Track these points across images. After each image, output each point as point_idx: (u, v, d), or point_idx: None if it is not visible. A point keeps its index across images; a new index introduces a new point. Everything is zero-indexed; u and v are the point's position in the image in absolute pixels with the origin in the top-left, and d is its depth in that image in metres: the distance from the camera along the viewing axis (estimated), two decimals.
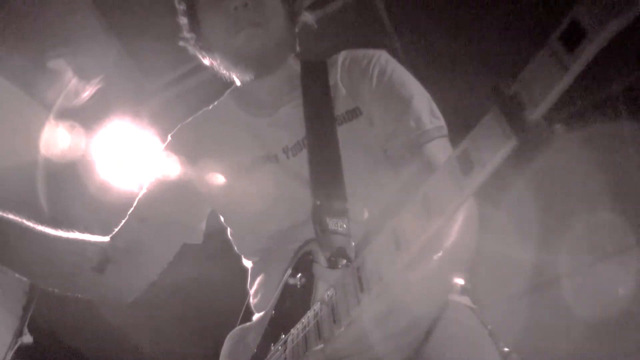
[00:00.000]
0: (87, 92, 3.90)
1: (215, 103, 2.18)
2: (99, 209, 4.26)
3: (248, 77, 1.94)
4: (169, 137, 2.15)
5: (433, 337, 1.55)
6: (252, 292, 1.98)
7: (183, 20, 2.04)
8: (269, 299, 1.83)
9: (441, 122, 1.84)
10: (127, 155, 4.31)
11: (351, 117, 1.90)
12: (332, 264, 1.59)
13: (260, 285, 1.92)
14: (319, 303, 1.46)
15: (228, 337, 1.88)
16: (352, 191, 1.77)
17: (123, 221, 2.03)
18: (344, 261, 1.59)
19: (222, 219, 2.08)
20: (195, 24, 2.00)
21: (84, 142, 4.16)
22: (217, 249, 2.28)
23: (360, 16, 3.75)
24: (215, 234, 2.14)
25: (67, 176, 4.21)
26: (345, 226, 1.68)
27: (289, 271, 1.71)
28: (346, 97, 1.92)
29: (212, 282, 4.38)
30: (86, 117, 4.11)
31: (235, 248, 2.06)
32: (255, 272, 1.96)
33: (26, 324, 3.97)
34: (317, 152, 1.83)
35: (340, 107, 1.90)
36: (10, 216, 1.80)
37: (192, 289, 4.59)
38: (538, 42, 1.04)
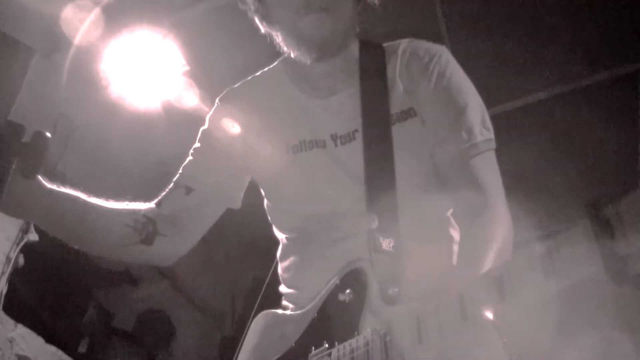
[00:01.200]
0: None
1: (266, 70, 2.14)
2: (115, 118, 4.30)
3: (308, 60, 1.89)
4: (217, 102, 2.12)
5: None
6: (282, 265, 2.02)
7: None
8: (303, 284, 1.89)
9: (491, 134, 1.85)
10: (144, 68, 4.28)
11: (405, 117, 1.89)
12: (385, 299, 1.61)
13: (293, 264, 1.96)
14: (370, 332, 1.50)
15: (261, 316, 1.92)
16: (403, 202, 1.78)
17: (169, 188, 2.04)
18: (396, 290, 1.63)
19: (261, 190, 2.09)
20: None
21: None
22: None
23: None
24: None
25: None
26: (395, 246, 1.71)
27: (337, 282, 1.73)
28: (403, 95, 1.91)
29: None
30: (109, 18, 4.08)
31: (269, 219, 2.08)
32: (289, 249, 1.99)
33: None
34: (373, 154, 1.83)
35: (396, 104, 1.89)
36: (67, 190, 1.82)
37: None
38: None
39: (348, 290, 1.66)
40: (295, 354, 1.71)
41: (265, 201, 2.08)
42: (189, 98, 4.40)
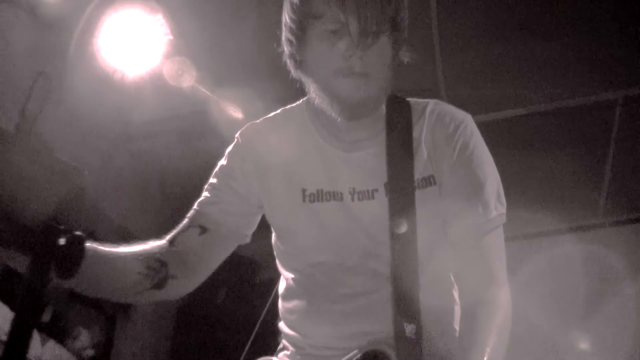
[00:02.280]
0: None
1: (288, 108, 2.10)
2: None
3: (338, 118, 1.87)
4: (238, 137, 2.07)
5: None
6: (286, 306, 2.02)
7: (288, 36, 1.90)
8: (307, 331, 1.91)
9: (504, 208, 1.88)
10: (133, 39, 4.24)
11: (426, 185, 1.88)
12: None
13: (298, 309, 1.96)
14: None
15: None
16: (422, 276, 1.81)
17: (183, 225, 2.00)
18: None
19: (272, 229, 2.07)
20: (301, 45, 1.87)
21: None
22: None
23: None
24: None
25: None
26: (417, 333, 1.72)
27: (358, 356, 1.74)
28: (426, 161, 1.90)
29: None
30: None
31: (275, 254, 2.07)
32: (294, 291, 1.99)
33: None
34: (398, 221, 1.82)
35: (419, 170, 1.89)
36: (92, 245, 1.76)
37: None
38: None
39: None
40: None
41: (274, 237, 2.06)
42: (173, 67, 4.40)
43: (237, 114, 4.53)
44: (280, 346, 2.04)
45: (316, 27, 1.81)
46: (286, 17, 1.89)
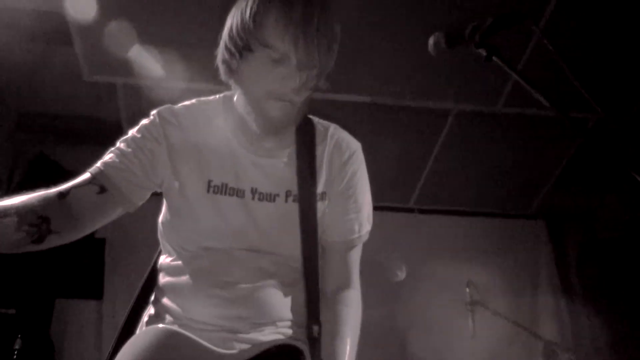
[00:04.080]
0: None
1: (204, 100, 2.20)
2: None
3: (258, 131, 2.05)
4: (155, 115, 2.14)
5: None
6: (168, 279, 2.14)
7: (231, 48, 2.00)
8: (190, 308, 2.03)
9: (370, 226, 2.21)
10: None
11: (321, 199, 2.14)
12: None
13: (181, 286, 2.09)
14: None
15: (164, 331, 2.00)
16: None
17: (82, 179, 2.02)
18: None
19: (165, 203, 2.18)
20: (242, 59, 1.99)
21: None
22: None
23: None
24: None
25: None
26: (319, 333, 2.02)
27: (273, 348, 1.95)
28: (324, 179, 2.15)
29: None
30: None
31: (162, 231, 2.19)
32: (178, 268, 2.12)
33: None
34: (305, 227, 2.08)
35: (320, 185, 2.14)
36: None
37: None
38: None
39: None
40: None
41: (164, 217, 2.18)
42: None
43: None
44: (152, 312, 2.16)
45: (262, 52, 1.95)
46: (234, 29, 1.99)
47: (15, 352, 4.24)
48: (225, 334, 1.98)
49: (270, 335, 2.01)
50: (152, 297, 2.18)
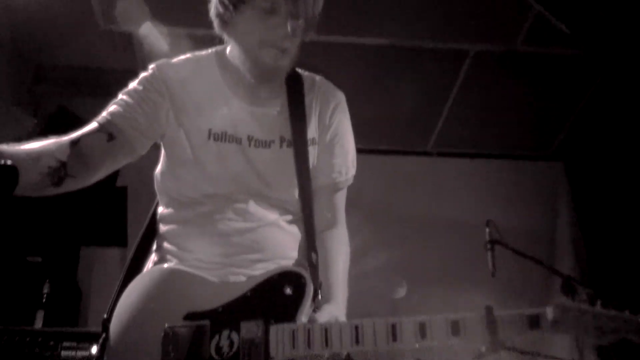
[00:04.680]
0: None
1: (197, 55, 2.33)
2: None
3: (252, 80, 2.20)
4: (153, 67, 2.26)
5: None
6: (169, 226, 2.25)
7: (224, 1, 2.14)
8: (194, 248, 2.16)
9: (354, 170, 2.39)
10: None
11: (313, 144, 2.29)
12: (315, 304, 2.07)
13: (183, 228, 2.21)
14: (308, 321, 1.97)
15: (168, 270, 2.14)
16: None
17: (91, 128, 2.13)
18: (319, 298, 2.10)
19: (164, 155, 2.30)
20: (235, 11, 2.13)
21: None
22: None
23: None
24: None
25: None
26: (318, 260, 2.19)
27: (275, 275, 2.04)
28: (313, 126, 2.30)
29: None
30: None
31: (160, 181, 2.30)
32: (179, 215, 2.24)
33: None
34: (300, 169, 2.23)
35: (310, 131, 2.29)
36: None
37: None
38: None
39: (290, 286, 2.02)
40: (222, 317, 1.98)
41: (163, 168, 2.30)
42: None
43: None
44: (156, 259, 2.25)
45: (253, 3, 2.10)
46: None
47: (45, 296, 4.34)
48: (230, 269, 2.11)
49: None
50: (155, 246, 2.29)
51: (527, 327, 1.81)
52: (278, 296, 2.00)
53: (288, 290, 2.00)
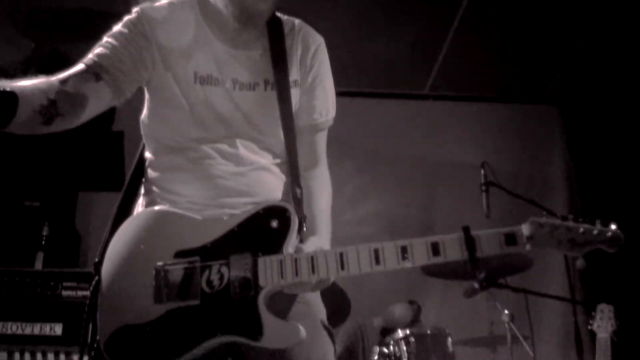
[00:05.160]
0: None
1: (183, 0, 2.32)
2: None
3: (236, 23, 2.22)
4: (138, 13, 2.26)
5: None
6: (160, 172, 2.26)
7: None
8: (182, 191, 2.19)
9: (334, 112, 2.42)
10: None
11: (294, 86, 2.31)
12: (301, 237, 2.10)
13: (176, 177, 2.21)
14: (294, 252, 2.01)
15: (156, 212, 2.15)
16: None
17: (79, 69, 2.14)
18: (304, 229, 2.14)
19: (149, 100, 2.30)
20: None
21: None
22: None
23: None
24: None
25: None
26: (301, 194, 2.23)
27: (260, 210, 2.08)
28: (294, 68, 2.32)
29: None
30: None
31: (148, 127, 2.30)
32: (167, 160, 2.24)
33: None
34: (284, 111, 2.25)
35: (292, 73, 2.31)
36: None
37: None
38: None
39: (276, 220, 2.07)
40: (211, 252, 2.03)
41: (149, 112, 2.30)
42: None
43: None
44: (144, 203, 2.25)
45: None
46: None
47: (44, 238, 4.38)
48: (223, 211, 2.14)
49: None
50: (143, 190, 2.30)
51: (504, 244, 1.91)
52: (264, 230, 2.05)
53: (274, 224, 2.05)
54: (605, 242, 1.90)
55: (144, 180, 2.32)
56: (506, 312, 4.54)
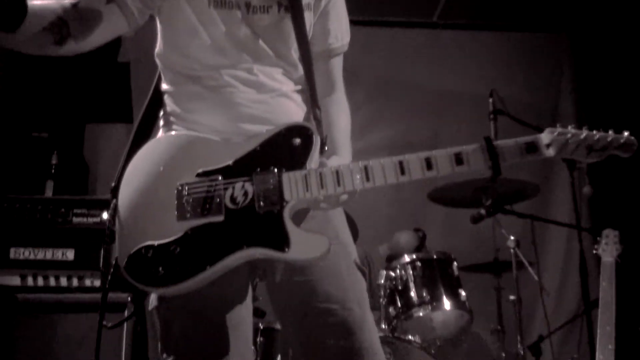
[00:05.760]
0: None
1: None
2: None
3: None
4: None
5: None
6: (178, 101, 2.24)
7: None
8: (201, 118, 2.17)
9: (348, 38, 2.42)
10: None
11: (307, 9, 2.28)
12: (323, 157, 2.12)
13: (195, 107, 2.20)
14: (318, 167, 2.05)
15: (178, 136, 2.17)
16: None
17: None
18: (326, 148, 2.16)
19: (162, 30, 2.27)
20: None
21: None
22: None
23: None
24: None
25: None
26: (321, 115, 2.26)
27: (282, 130, 2.09)
28: None
29: None
30: None
31: (164, 57, 2.29)
32: (186, 89, 2.23)
33: None
34: (299, 34, 2.24)
35: None
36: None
37: None
38: None
39: (298, 137, 2.08)
40: (234, 170, 2.03)
41: (165, 42, 2.28)
42: None
43: None
44: (165, 132, 2.27)
45: None
46: None
47: (53, 167, 4.40)
48: (241, 136, 2.13)
49: None
50: (162, 122, 2.29)
51: (525, 152, 2.01)
52: (287, 147, 2.06)
53: (297, 141, 2.06)
54: (620, 147, 2.04)
55: (162, 112, 2.30)
56: (512, 238, 4.58)
